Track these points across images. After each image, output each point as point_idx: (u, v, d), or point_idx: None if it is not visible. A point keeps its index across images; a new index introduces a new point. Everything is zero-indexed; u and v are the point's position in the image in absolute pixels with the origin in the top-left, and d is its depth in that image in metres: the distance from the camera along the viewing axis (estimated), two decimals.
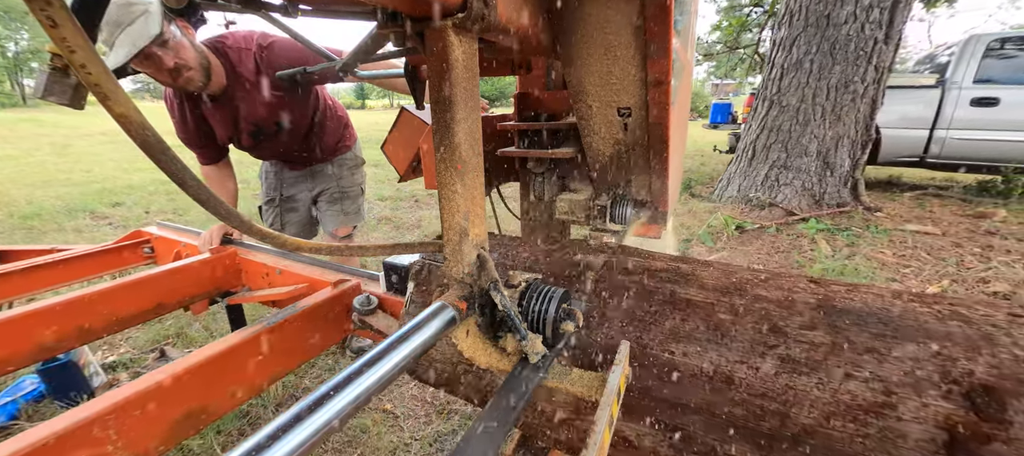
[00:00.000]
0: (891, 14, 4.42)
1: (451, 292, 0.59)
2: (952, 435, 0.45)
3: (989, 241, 4.00)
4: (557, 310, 0.59)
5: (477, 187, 0.60)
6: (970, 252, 3.76)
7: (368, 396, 0.43)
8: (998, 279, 3.24)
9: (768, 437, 0.51)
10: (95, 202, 5.47)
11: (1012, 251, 3.73)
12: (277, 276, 1.40)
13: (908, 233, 4.23)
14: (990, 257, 3.62)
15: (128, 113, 0.34)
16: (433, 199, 5.83)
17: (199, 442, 1.67)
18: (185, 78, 1.56)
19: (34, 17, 0.29)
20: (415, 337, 0.50)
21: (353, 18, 0.65)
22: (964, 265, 3.52)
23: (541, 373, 0.57)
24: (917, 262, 3.61)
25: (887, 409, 0.48)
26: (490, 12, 0.50)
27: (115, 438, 0.72)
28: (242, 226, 0.49)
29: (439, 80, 0.52)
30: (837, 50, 4.61)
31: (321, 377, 2.12)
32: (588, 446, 0.44)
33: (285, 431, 0.36)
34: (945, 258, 3.64)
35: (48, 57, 0.73)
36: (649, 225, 1.04)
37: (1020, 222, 4.51)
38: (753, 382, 0.53)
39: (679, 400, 0.55)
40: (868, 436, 0.47)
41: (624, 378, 0.54)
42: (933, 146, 5.94)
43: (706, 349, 0.56)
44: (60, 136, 13.39)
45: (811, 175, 4.98)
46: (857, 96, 4.67)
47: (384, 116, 28.84)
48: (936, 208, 5.22)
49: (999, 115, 5.57)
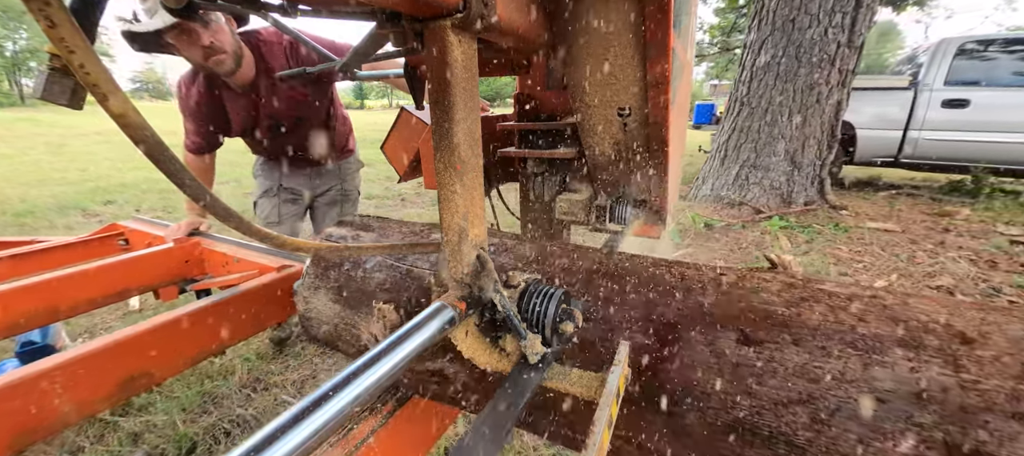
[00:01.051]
0: (853, 19, 4.58)
1: (450, 292, 0.59)
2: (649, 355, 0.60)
3: (943, 238, 4.15)
4: (556, 310, 0.59)
5: (476, 187, 0.60)
6: (923, 248, 3.90)
7: (368, 396, 0.43)
8: (944, 274, 3.38)
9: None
10: (88, 200, 5.54)
11: (964, 248, 3.88)
12: (235, 263, 1.50)
13: (867, 230, 4.37)
14: (940, 253, 3.76)
15: (126, 113, 0.34)
16: (420, 197, 5.97)
17: (164, 417, 1.80)
18: (216, 59, 1.58)
19: (32, 17, 0.29)
20: (414, 337, 0.50)
21: (353, 18, 0.65)
22: (914, 261, 3.65)
23: (540, 373, 0.57)
24: (871, 257, 3.74)
25: (608, 333, 0.64)
26: (489, 12, 0.50)
27: (61, 392, 0.83)
28: (240, 226, 0.49)
29: (438, 80, 0.52)
30: (802, 53, 4.78)
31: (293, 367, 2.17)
32: (588, 446, 0.44)
33: (284, 431, 0.36)
34: (898, 254, 3.77)
35: (47, 57, 0.73)
36: (648, 225, 1.04)
37: (981, 220, 4.66)
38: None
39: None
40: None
41: (623, 379, 0.54)
42: (906, 147, 6.11)
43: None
44: (56, 135, 13.47)
45: (779, 174, 5.15)
46: (822, 98, 4.86)
47: (383, 116, 28.88)
48: (904, 207, 5.39)
49: (969, 116, 5.72)
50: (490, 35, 0.56)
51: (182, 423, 1.78)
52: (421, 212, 5.25)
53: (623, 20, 0.67)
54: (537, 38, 0.68)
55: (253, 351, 2.27)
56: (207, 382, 2.05)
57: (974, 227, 4.47)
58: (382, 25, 0.57)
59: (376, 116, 30.79)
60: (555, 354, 0.61)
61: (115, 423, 1.80)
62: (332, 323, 0.88)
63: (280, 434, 0.36)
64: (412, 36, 0.55)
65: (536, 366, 0.58)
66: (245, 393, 1.99)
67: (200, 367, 2.13)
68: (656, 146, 0.84)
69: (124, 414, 1.85)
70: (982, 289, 3.11)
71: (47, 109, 22.43)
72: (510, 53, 0.91)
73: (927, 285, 3.19)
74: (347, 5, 0.61)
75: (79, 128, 15.11)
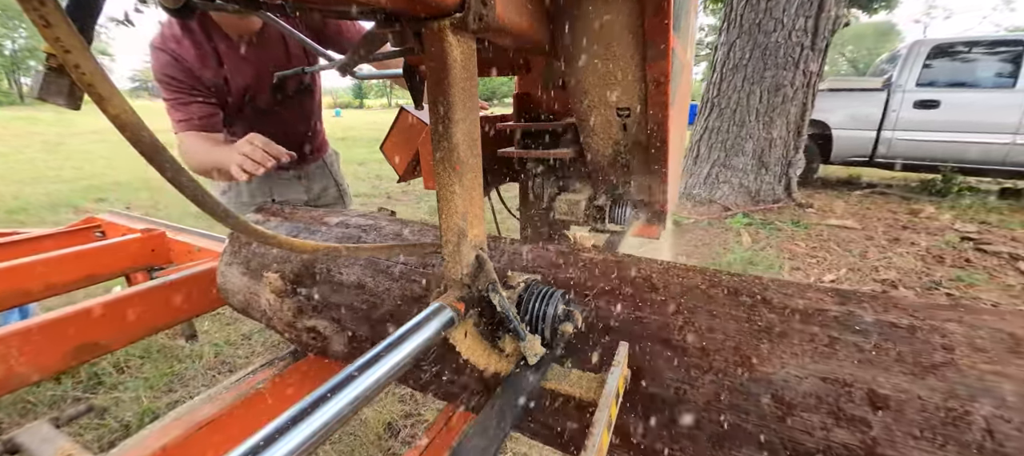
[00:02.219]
0: (815, 23, 4.74)
1: (450, 293, 0.59)
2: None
3: (899, 235, 4.32)
4: (556, 311, 0.59)
5: (475, 188, 0.60)
6: (877, 245, 4.05)
7: (367, 397, 0.43)
8: (891, 268, 3.53)
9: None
10: (80, 198, 5.65)
11: (916, 244, 4.05)
12: (197, 252, 1.58)
13: (826, 227, 4.54)
14: (892, 249, 3.92)
15: (123, 114, 0.33)
16: (405, 196, 6.11)
17: (132, 394, 1.97)
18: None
19: (28, 17, 0.29)
20: (414, 338, 0.50)
21: (352, 18, 0.64)
22: (866, 256, 3.79)
23: (540, 374, 0.57)
24: (825, 253, 3.89)
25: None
26: (488, 12, 0.50)
27: (17, 355, 0.95)
28: (239, 227, 0.49)
29: (437, 80, 0.52)
30: (768, 56, 4.93)
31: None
32: (587, 447, 0.44)
33: (283, 432, 0.36)
34: (852, 250, 3.92)
35: (44, 57, 0.72)
36: (648, 225, 1.03)
37: (943, 218, 4.83)
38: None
39: None
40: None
41: (623, 379, 0.54)
42: (880, 146, 6.26)
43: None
44: (53, 134, 13.58)
45: (748, 173, 5.32)
46: (787, 99, 5.03)
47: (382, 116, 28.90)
48: (873, 205, 5.58)
49: (939, 117, 5.87)
50: (489, 35, 0.56)
51: (146, 399, 1.94)
52: (404, 209, 5.35)
53: (623, 20, 0.67)
54: (537, 38, 0.68)
55: (223, 338, 2.39)
56: (177, 364, 2.20)
57: (933, 224, 4.65)
58: (381, 25, 0.57)
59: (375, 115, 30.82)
60: (554, 355, 0.61)
61: (86, 398, 1.96)
62: (242, 293, 1.02)
63: (280, 434, 0.36)
64: (411, 36, 0.55)
65: (535, 367, 0.58)
66: (210, 374, 2.13)
67: (173, 351, 2.32)
68: (656, 146, 0.84)
69: (94, 392, 2.01)
70: (924, 282, 3.27)
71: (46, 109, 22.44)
72: (510, 53, 0.90)
73: (873, 279, 3.34)
74: (346, 5, 0.60)
75: (76, 127, 15.20)
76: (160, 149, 0.36)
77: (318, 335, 0.89)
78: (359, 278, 0.85)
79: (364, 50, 0.85)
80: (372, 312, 0.81)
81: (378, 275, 0.84)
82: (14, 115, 21.00)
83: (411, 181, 1.55)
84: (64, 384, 2.03)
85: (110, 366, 2.16)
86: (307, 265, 0.91)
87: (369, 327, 0.82)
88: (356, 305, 0.84)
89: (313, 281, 0.90)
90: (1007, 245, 3.91)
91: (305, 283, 0.90)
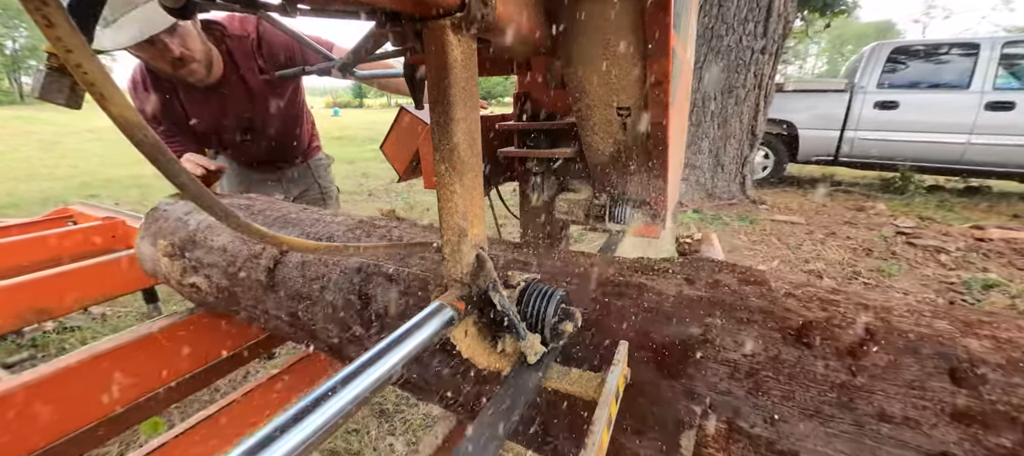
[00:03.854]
0: (764, 28, 4.97)
1: (450, 292, 0.59)
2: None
3: (838, 229, 4.54)
4: (556, 310, 0.59)
5: (476, 187, 0.60)
6: (815, 238, 4.28)
7: (368, 395, 0.43)
8: (820, 259, 3.77)
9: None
10: (72, 195, 5.86)
11: (852, 238, 4.36)
12: None
13: (772, 222, 4.76)
14: (827, 242, 4.14)
15: (124, 113, 0.34)
16: (387, 193, 6.29)
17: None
18: (188, 69, 1.43)
19: (29, 17, 0.29)
20: (414, 337, 0.50)
21: (352, 18, 0.65)
22: (801, 249, 4.01)
23: (540, 373, 0.57)
24: (764, 245, 4.09)
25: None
26: (489, 12, 0.50)
27: None
28: (239, 227, 0.49)
29: (437, 80, 0.52)
30: (720, 59, 5.14)
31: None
32: (587, 446, 0.44)
33: (284, 431, 0.36)
34: (789, 243, 4.15)
35: (45, 56, 0.72)
36: (648, 225, 1.04)
37: (890, 214, 5.09)
38: None
39: None
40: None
41: (623, 378, 0.54)
42: (844, 146, 6.50)
43: None
44: (50, 133, 13.67)
45: (704, 171, 5.55)
46: (740, 100, 5.25)
47: (382, 115, 28.94)
48: (829, 202, 5.82)
49: (898, 117, 6.11)
50: (490, 34, 0.56)
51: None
52: (384, 206, 5.48)
53: (623, 19, 0.67)
54: (537, 37, 0.68)
55: (181, 303, 2.55)
56: (125, 323, 2.42)
57: (876, 220, 4.89)
58: (381, 25, 0.57)
59: (375, 115, 30.84)
60: (554, 354, 0.61)
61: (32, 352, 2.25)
62: (150, 260, 1.24)
63: (280, 434, 0.36)
64: (411, 36, 0.55)
65: (535, 366, 0.58)
66: None
67: (133, 316, 2.62)
68: (656, 145, 0.84)
69: (46, 351, 2.28)
70: (846, 273, 3.48)
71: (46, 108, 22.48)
72: (510, 53, 0.90)
73: (802, 269, 3.57)
74: (346, 4, 0.60)
75: (73, 126, 15.32)
76: (161, 149, 0.36)
77: (198, 289, 1.10)
78: (224, 243, 1.04)
79: (364, 50, 0.85)
80: (230, 268, 1.02)
81: (235, 240, 1.04)
82: (13, 114, 21.05)
83: (395, 180, 1.58)
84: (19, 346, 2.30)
85: (77, 341, 2.43)
86: (191, 234, 1.12)
87: (228, 280, 1.02)
88: (222, 264, 1.03)
89: (194, 246, 1.10)
90: (936, 239, 4.12)
91: (189, 248, 1.11)
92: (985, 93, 5.65)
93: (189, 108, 1.61)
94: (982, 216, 5.11)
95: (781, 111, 6.73)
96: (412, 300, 0.75)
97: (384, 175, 7.51)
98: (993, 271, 3.43)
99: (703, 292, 0.62)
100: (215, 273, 1.04)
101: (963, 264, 3.61)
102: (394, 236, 0.92)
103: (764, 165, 7.06)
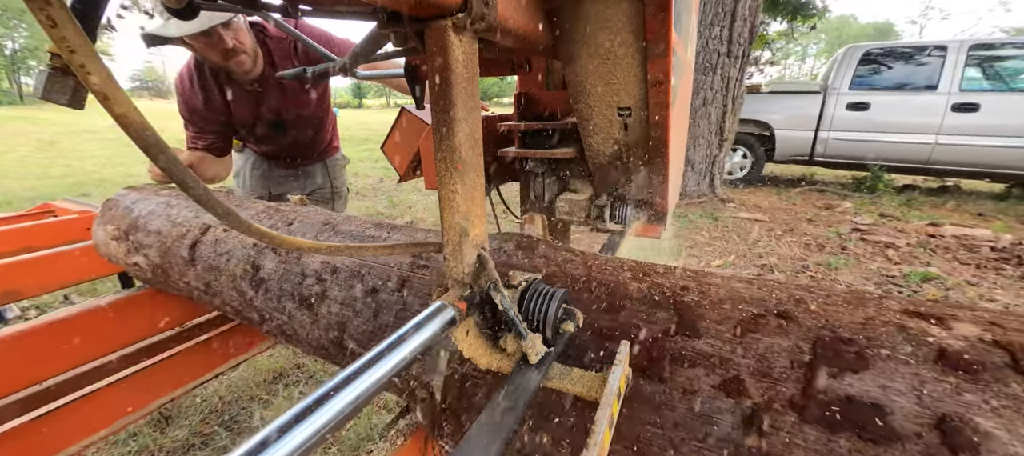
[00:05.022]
0: (730, 33, 5.13)
1: (451, 292, 0.59)
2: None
3: (797, 226, 4.70)
4: (557, 310, 0.59)
5: (477, 187, 0.60)
6: (773, 235, 4.42)
7: (369, 396, 0.43)
8: (773, 254, 3.88)
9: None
10: (65, 193, 5.94)
11: (808, 235, 4.42)
12: None
13: (734, 219, 4.91)
14: (784, 239, 4.29)
15: (128, 113, 0.34)
16: (374, 192, 6.36)
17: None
18: (237, 61, 1.54)
19: (33, 17, 0.29)
20: (415, 336, 0.50)
21: (354, 18, 0.65)
22: (757, 244, 4.13)
23: (541, 373, 0.57)
24: (723, 241, 4.19)
25: None
26: (490, 12, 0.50)
27: None
28: (240, 226, 0.49)
29: (439, 80, 0.52)
30: None
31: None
32: (588, 446, 0.44)
33: (284, 431, 0.36)
34: (747, 239, 4.27)
35: (47, 56, 0.72)
36: (649, 225, 1.04)
37: (856, 211, 5.26)
38: None
39: None
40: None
41: (625, 378, 0.54)
42: (818, 146, 6.68)
43: None
44: (48, 133, 13.74)
45: None
46: (707, 102, 5.45)
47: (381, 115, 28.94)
48: (799, 200, 5.99)
49: (869, 118, 6.29)
50: (491, 35, 0.56)
51: None
52: (370, 205, 5.64)
53: (623, 19, 0.67)
54: (538, 38, 0.68)
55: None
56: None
57: (841, 217, 5.04)
58: (383, 25, 0.57)
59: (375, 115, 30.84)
60: (556, 354, 0.61)
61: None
62: (103, 244, 1.38)
63: (280, 434, 0.36)
64: (413, 36, 0.55)
65: (537, 366, 0.58)
66: None
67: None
68: (656, 146, 0.84)
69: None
70: (795, 267, 3.62)
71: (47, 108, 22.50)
72: (511, 53, 0.91)
73: (754, 264, 3.68)
74: (348, 5, 0.61)
75: (71, 126, 15.40)
76: (164, 148, 0.37)
77: (140, 267, 1.27)
78: (159, 227, 1.21)
79: (365, 50, 0.85)
80: (162, 247, 1.18)
81: (168, 223, 1.20)
82: (13, 114, 21.10)
83: (381, 179, 1.61)
84: None
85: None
86: (134, 220, 1.28)
87: (161, 258, 1.18)
88: (156, 244, 1.20)
89: (136, 230, 1.27)
90: (889, 236, 4.26)
91: (132, 232, 1.27)
92: (952, 95, 5.81)
93: (231, 102, 1.73)
94: (946, 214, 5.22)
95: (758, 112, 6.93)
96: (285, 265, 0.93)
97: (372, 174, 7.71)
98: (935, 266, 3.55)
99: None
100: (151, 252, 1.21)
101: (909, 259, 3.73)
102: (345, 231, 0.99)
103: (743, 165, 7.26)
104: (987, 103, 5.61)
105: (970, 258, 3.71)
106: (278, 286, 0.90)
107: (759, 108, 6.92)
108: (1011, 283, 3.26)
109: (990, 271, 3.47)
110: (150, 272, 1.24)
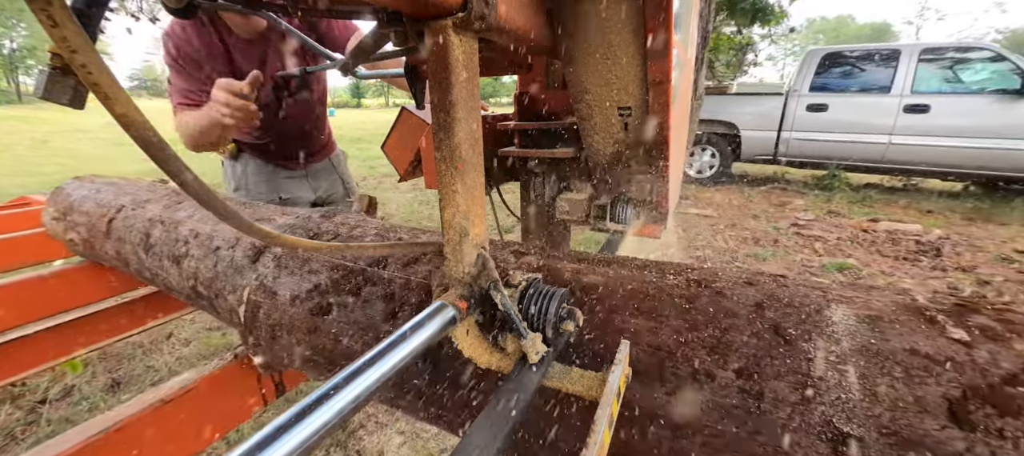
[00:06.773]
0: None
1: (451, 291, 0.59)
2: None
3: (741, 221, 4.88)
4: (557, 309, 0.59)
5: (477, 187, 0.60)
6: (715, 229, 4.61)
7: (369, 395, 0.43)
8: (708, 247, 4.06)
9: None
10: None
11: (748, 229, 4.60)
12: None
13: (684, 215, 5.12)
14: (723, 233, 4.47)
15: (129, 113, 0.34)
16: (361, 190, 6.28)
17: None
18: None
19: (33, 16, 0.29)
20: (416, 336, 0.50)
21: (354, 18, 0.65)
22: (697, 238, 4.30)
23: (541, 372, 0.57)
24: (666, 234, 4.48)
25: None
26: (490, 12, 0.50)
27: None
28: (241, 226, 0.49)
29: (439, 80, 0.52)
30: None
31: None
32: (588, 446, 0.44)
33: (284, 431, 0.36)
34: (690, 233, 4.47)
35: (48, 56, 0.72)
36: (649, 225, 1.04)
37: (805, 208, 5.49)
38: None
39: None
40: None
41: (624, 378, 0.54)
42: (781, 146, 6.90)
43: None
44: (43, 132, 13.80)
45: None
46: None
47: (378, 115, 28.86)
48: (755, 198, 6.19)
49: (827, 118, 6.50)
50: (491, 35, 0.56)
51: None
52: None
53: (623, 19, 0.67)
54: (538, 37, 0.68)
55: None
56: None
57: (788, 214, 5.25)
58: (383, 25, 0.57)
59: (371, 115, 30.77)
60: (555, 353, 0.61)
61: None
62: (50, 226, 1.57)
63: (280, 434, 0.36)
64: (413, 36, 0.55)
65: (536, 365, 0.58)
66: None
67: None
68: (657, 145, 0.84)
69: None
70: (726, 258, 3.78)
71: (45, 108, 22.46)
72: (511, 52, 0.91)
73: (689, 254, 3.87)
74: (348, 5, 0.61)
75: (64, 125, 15.45)
76: (165, 148, 0.37)
77: (75, 243, 1.49)
78: (89, 209, 1.40)
79: (366, 50, 0.85)
80: (89, 224, 1.37)
81: (94, 205, 1.38)
82: (10, 114, 21.09)
83: (370, 178, 1.60)
84: None
85: None
86: (71, 203, 1.47)
87: (88, 233, 1.38)
88: (86, 223, 1.39)
89: (72, 211, 1.46)
90: (823, 230, 4.46)
91: (69, 214, 1.47)
92: (904, 96, 6.00)
93: (236, 54, 1.63)
94: (894, 211, 5.38)
95: (726, 113, 7.13)
96: (166, 233, 1.14)
97: (360, 173, 7.79)
98: (855, 257, 3.70)
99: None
100: (82, 230, 1.41)
101: (833, 251, 3.92)
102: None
103: (711, 164, 7.51)
104: (937, 105, 5.83)
105: (893, 251, 3.87)
106: (160, 249, 1.14)
107: (726, 109, 7.15)
108: (921, 272, 3.41)
109: (907, 262, 3.62)
110: (82, 246, 1.46)
